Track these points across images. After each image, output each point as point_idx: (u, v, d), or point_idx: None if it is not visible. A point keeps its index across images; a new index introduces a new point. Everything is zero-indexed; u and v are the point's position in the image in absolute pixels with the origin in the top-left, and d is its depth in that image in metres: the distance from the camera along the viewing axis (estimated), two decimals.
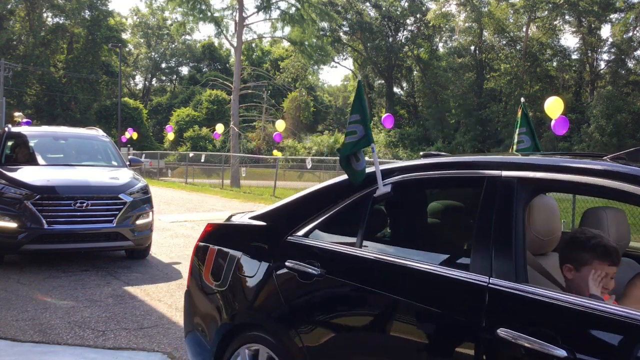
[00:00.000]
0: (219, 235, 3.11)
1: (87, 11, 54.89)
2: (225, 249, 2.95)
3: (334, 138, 48.70)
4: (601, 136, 39.59)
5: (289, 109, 51.89)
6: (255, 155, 32.93)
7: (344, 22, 54.42)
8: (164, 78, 74.60)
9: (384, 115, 20.47)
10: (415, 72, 57.07)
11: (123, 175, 7.48)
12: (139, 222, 6.99)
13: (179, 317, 4.98)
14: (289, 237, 2.69)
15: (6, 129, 8.29)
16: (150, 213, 7.33)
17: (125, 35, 63.50)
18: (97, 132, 9.03)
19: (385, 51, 54.27)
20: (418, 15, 54.19)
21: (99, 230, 6.69)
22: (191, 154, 29.13)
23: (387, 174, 2.54)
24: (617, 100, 40.14)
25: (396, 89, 59.58)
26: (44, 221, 6.38)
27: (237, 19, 28.36)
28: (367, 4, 55.70)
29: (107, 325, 4.69)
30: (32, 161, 7.76)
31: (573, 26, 47.39)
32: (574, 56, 48.51)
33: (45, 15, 54.84)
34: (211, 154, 31.48)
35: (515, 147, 3.64)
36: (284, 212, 2.90)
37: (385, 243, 2.64)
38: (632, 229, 13.94)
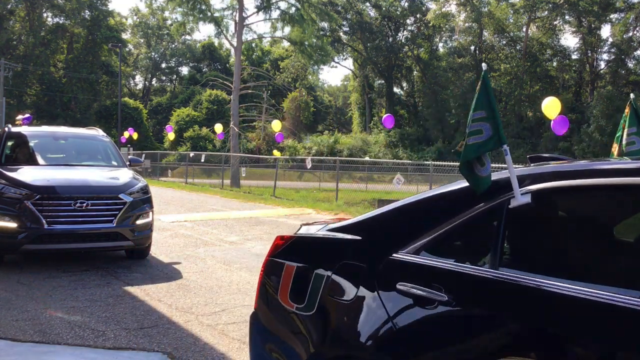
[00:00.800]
0: (298, 250, 2.69)
1: (87, 11, 54.93)
2: (307, 267, 2.54)
3: (334, 138, 48.71)
4: (601, 136, 39.59)
5: (289, 109, 51.91)
6: (255, 155, 32.93)
7: (344, 22, 54.44)
8: (164, 78, 74.64)
9: (384, 116, 20.44)
10: (415, 72, 57.10)
11: (123, 175, 7.46)
12: (139, 222, 6.97)
13: (178, 317, 4.99)
14: (394, 255, 2.28)
15: (6, 129, 8.25)
16: (150, 213, 7.31)
17: (125, 35, 63.52)
18: (97, 132, 9.00)
19: (385, 51, 54.29)
20: (418, 15, 54.22)
21: (99, 230, 6.67)
22: (191, 154, 29.16)
23: (519, 181, 2.13)
24: (617, 100, 40.13)
25: (396, 89, 59.59)
26: (44, 221, 6.36)
27: (237, 19, 28.37)
28: (367, 4, 55.72)
29: (107, 325, 4.69)
30: (32, 161, 7.76)
31: (573, 26, 47.38)
32: (574, 56, 48.54)
33: (45, 15, 54.86)
34: (211, 154, 31.50)
35: (624, 149, 3.19)
36: (384, 224, 2.47)
37: (527, 265, 2.08)
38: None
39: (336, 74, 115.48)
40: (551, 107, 12.54)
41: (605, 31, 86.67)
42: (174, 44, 69.39)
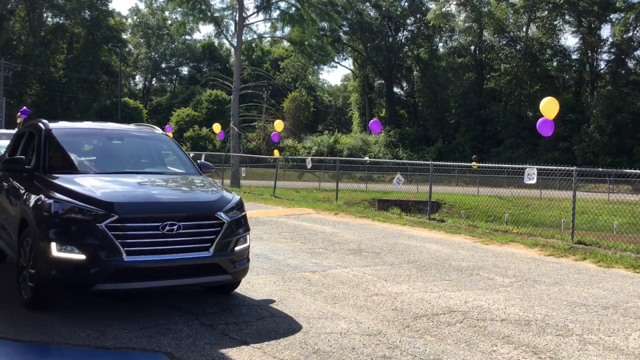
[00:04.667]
0: None
1: (87, 11, 54.98)
2: None
3: (334, 138, 48.69)
4: (601, 136, 39.60)
5: (289, 109, 51.91)
6: (255, 155, 32.94)
7: (344, 22, 54.43)
8: (164, 78, 74.65)
9: (371, 121, 20.07)
10: (415, 72, 57.11)
11: (211, 187, 5.75)
12: (237, 248, 5.26)
13: (178, 317, 4.99)
14: None
15: (41, 125, 6.07)
16: (247, 236, 5.52)
17: (125, 35, 63.54)
18: (155, 130, 6.99)
19: (385, 51, 54.29)
20: (418, 15, 54.23)
21: (193, 262, 4.97)
22: (191, 154, 29.17)
23: None
24: (617, 100, 40.15)
25: (396, 89, 59.61)
26: (123, 250, 4.64)
27: (237, 19, 28.40)
28: (367, 4, 55.74)
29: (107, 325, 4.69)
30: (87, 168, 5.73)
31: (573, 26, 47.39)
32: (574, 56, 48.57)
33: (45, 15, 54.91)
34: (211, 154, 31.52)
35: None
36: None
37: None
38: (632, 229, 13.73)
39: (336, 74, 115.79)
40: (548, 107, 12.50)
41: (605, 31, 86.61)
42: (174, 44, 69.39)
